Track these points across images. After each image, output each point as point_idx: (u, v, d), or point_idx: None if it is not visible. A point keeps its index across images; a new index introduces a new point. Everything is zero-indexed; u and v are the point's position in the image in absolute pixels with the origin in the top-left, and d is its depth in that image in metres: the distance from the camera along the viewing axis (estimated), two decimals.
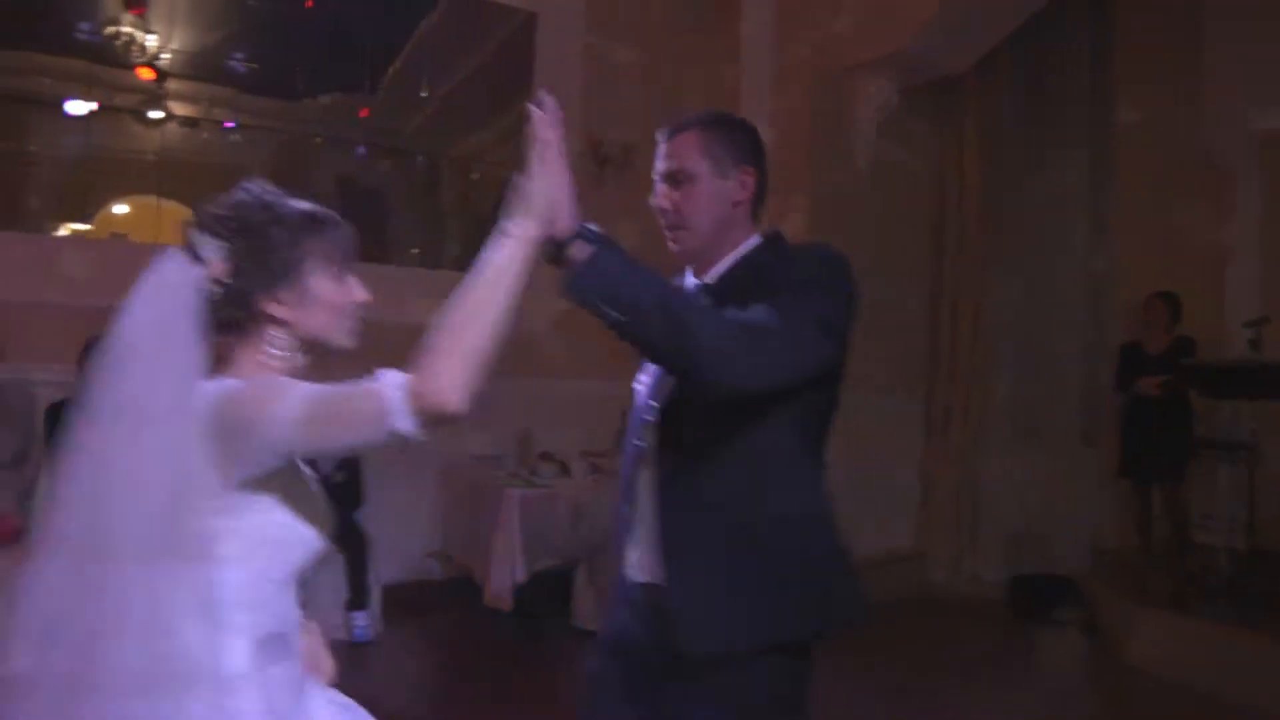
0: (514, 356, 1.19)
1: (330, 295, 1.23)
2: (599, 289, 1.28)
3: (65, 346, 3.68)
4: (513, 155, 5.65)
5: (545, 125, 1.22)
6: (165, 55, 8.32)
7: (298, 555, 1.20)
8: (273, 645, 1.18)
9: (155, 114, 9.06)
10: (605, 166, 5.39)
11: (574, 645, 4.14)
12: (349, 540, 4.26)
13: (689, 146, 1.54)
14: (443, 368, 1.05)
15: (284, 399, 1.09)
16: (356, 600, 4.05)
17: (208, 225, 1.18)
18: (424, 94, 9.36)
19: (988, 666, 4.06)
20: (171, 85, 8.76)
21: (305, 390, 1.10)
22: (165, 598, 1.09)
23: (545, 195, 1.20)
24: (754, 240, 1.56)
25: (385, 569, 4.43)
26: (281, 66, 8.38)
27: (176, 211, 10.09)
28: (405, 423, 1.04)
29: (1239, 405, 4.59)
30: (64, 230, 9.40)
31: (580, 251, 1.28)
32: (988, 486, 5.44)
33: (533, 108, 1.23)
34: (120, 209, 9.52)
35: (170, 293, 1.15)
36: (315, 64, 8.07)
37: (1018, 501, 5.41)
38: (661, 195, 1.54)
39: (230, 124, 9.07)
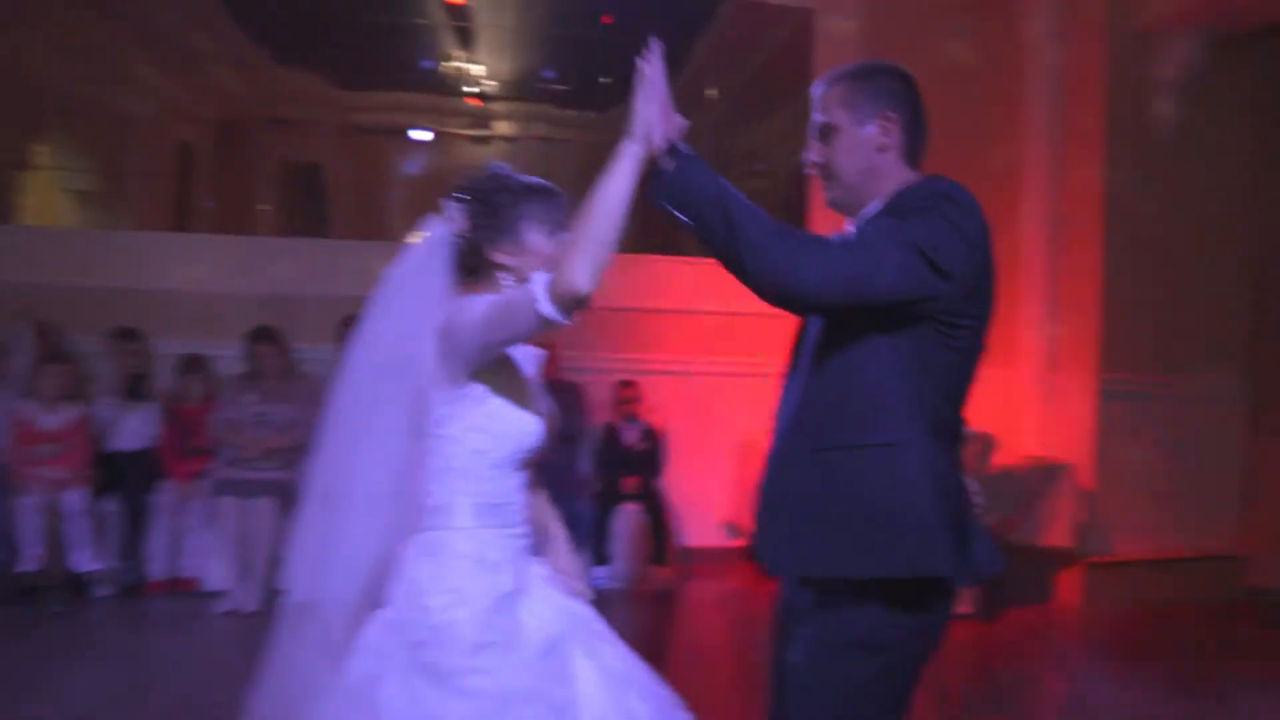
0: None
1: (542, 248, 1.58)
2: (672, 196, 1.43)
3: None
4: (795, 150, 5.91)
5: (648, 64, 1.44)
6: (489, 82, 9.44)
7: (510, 441, 1.55)
8: (490, 512, 1.54)
9: (481, 133, 10.35)
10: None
11: None
12: (650, 503, 4.79)
13: (830, 100, 1.59)
14: (571, 262, 1.35)
15: (473, 307, 1.47)
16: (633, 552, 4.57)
17: (456, 194, 1.60)
18: (710, 92, 9.87)
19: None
20: (495, 107, 9.97)
21: (487, 298, 1.48)
22: (420, 465, 1.53)
23: (645, 120, 1.42)
24: (907, 184, 1.56)
25: (685, 532, 4.93)
26: (586, 81, 9.26)
27: None
28: (548, 308, 1.36)
29: None
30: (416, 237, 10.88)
31: (666, 164, 1.44)
32: None
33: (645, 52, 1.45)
34: None
35: (428, 244, 1.58)
36: (615, 76, 8.81)
37: None
38: (810, 149, 1.62)
39: (542, 138, 10.04)
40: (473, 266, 1.58)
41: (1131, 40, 4.91)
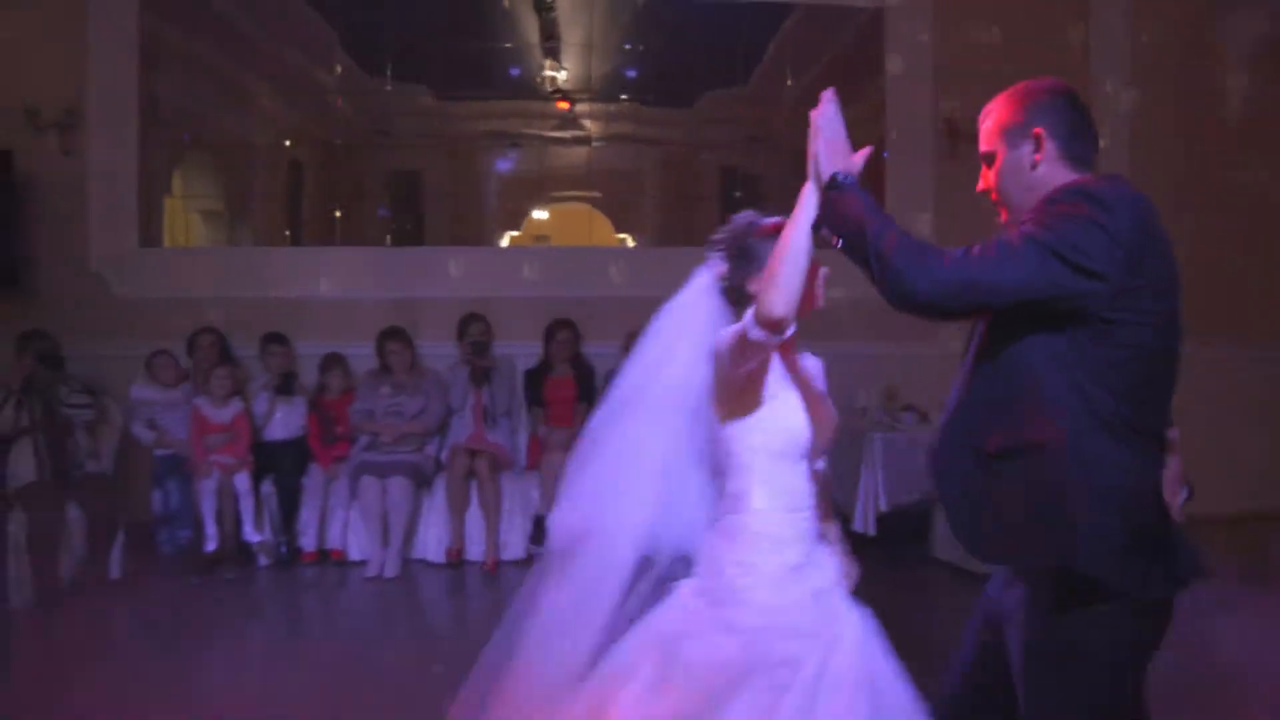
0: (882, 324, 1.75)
1: None
2: (829, 220, 1.61)
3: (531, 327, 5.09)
4: (869, 135, 6.19)
5: (821, 111, 1.65)
6: (576, 89, 9.86)
7: (783, 435, 1.82)
8: (777, 498, 1.81)
9: (570, 134, 10.78)
10: (958, 140, 5.74)
11: (929, 572, 4.69)
12: None
13: (986, 129, 1.70)
14: (768, 294, 1.61)
15: (723, 336, 1.78)
16: None
17: (714, 244, 1.93)
18: (789, 83, 10.11)
19: None
20: (581, 109, 10.40)
21: (732, 328, 1.78)
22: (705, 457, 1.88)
23: (816, 160, 1.63)
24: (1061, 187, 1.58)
25: None
26: (669, 77, 9.60)
27: (592, 215, 11.79)
28: (755, 332, 1.66)
29: None
30: (505, 239, 11.43)
31: (825, 194, 1.62)
32: None
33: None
34: (540, 215, 11.34)
35: (700, 287, 1.91)
36: (696, 69, 9.15)
37: None
38: (982, 177, 1.73)
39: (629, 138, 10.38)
40: (738, 300, 1.83)
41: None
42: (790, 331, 1.69)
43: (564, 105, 9.87)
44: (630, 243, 10.69)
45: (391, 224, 10.40)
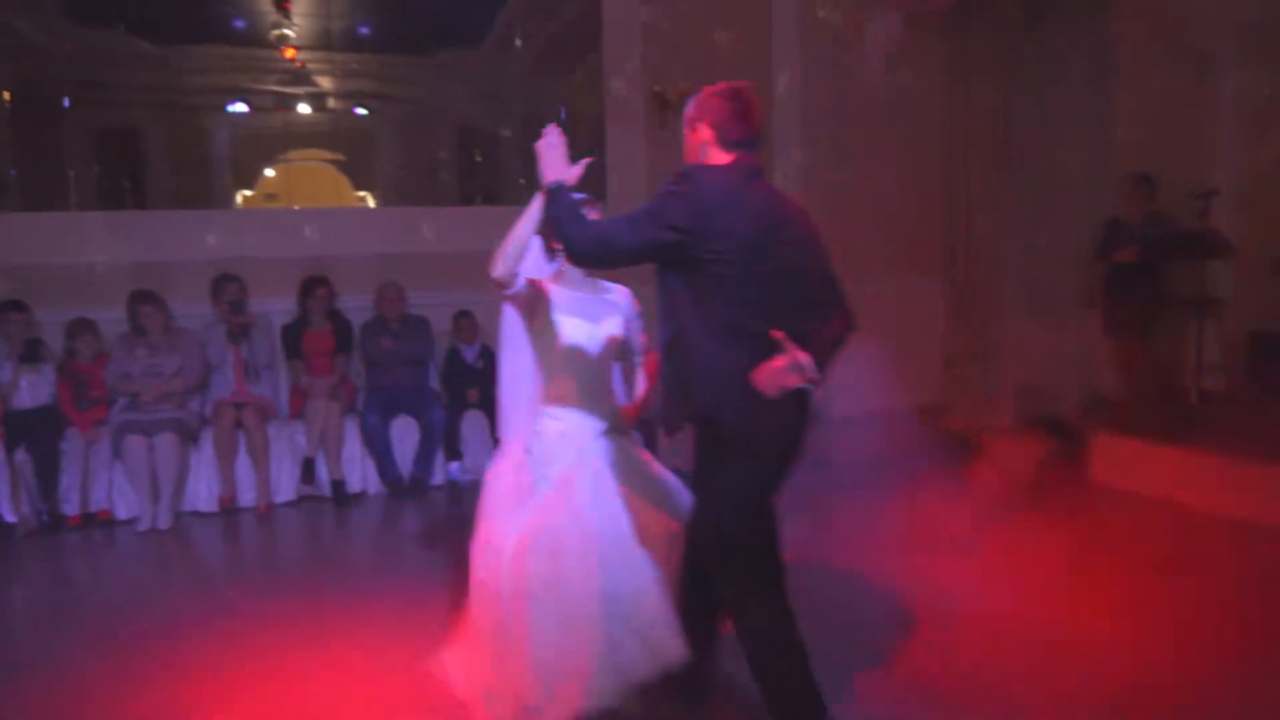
0: None
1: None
2: (546, 212, 2.32)
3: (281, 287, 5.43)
4: (598, 99, 6.91)
5: (546, 138, 2.33)
6: (309, 44, 9.76)
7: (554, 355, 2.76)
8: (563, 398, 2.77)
9: (299, 90, 10.71)
10: (667, 111, 6.63)
11: None
12: (489, 409, 5.84)
13: (685, 117, 2.44)
14: (493, 259, 2.50)
15: None
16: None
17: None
18: (518, 44, 10.67)
19: None
20: (316, 65, 10.35)
21: None
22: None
23: (543, 173, 2.31)
24: None
25: None
26: (406, 28, 9.82)
27: (324, 171, 11.74)
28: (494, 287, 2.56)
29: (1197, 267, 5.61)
30: (238, 198, 11.18)
31: (547, 195, 2.32)
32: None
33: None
34: (270, 174, 11.16)
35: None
36: (431, 26, 9.47)
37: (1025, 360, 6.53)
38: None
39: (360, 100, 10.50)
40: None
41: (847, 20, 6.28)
42: (516, 287, 2.56)
43: (291, 53, 9.77)
44: (370, 201, 10.84)
45: (107, 184, 9.84)
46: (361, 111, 10.59)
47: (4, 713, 2.98)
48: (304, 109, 10.54)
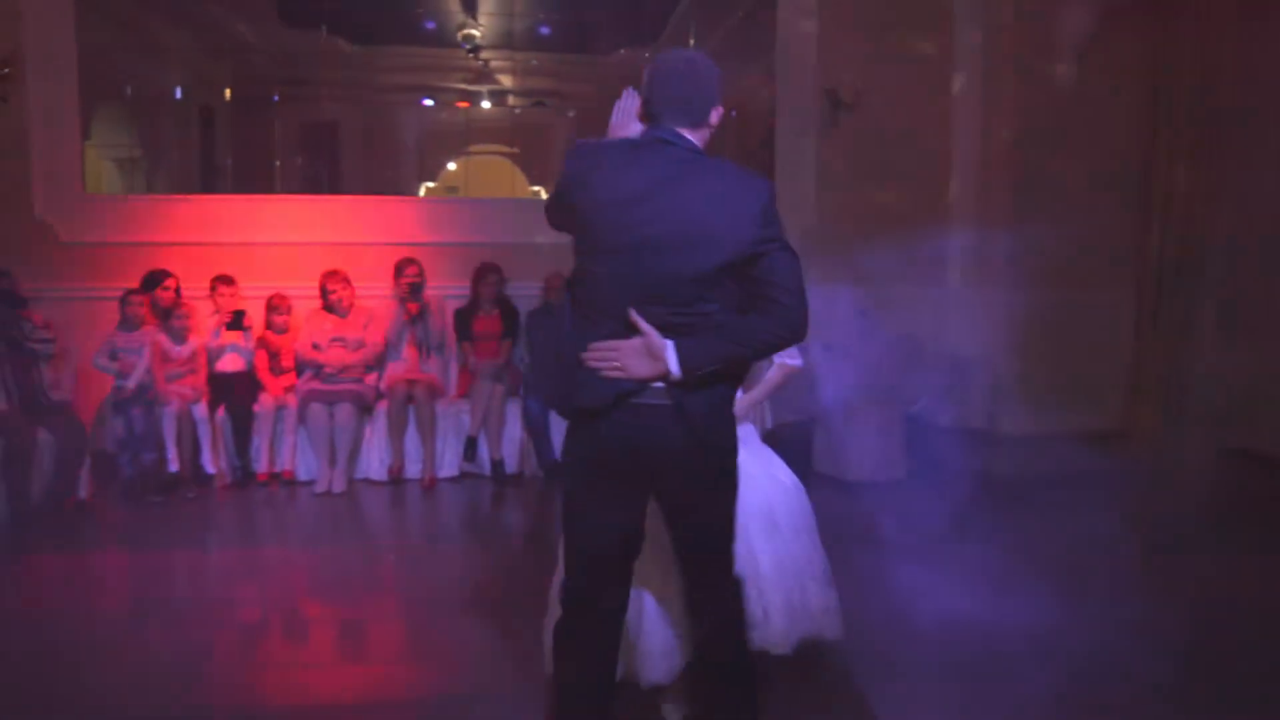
0: None
1: None
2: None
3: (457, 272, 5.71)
4: (769, 97, 6.88)
5: (625, 94, 2.17)
6: (492, 44, 10.18)
7: None
8: None
9: (481, 87, 11.17)
10: (839, 110, 6.52)
11: (809, 483, 5.54)
12: None
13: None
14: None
15: None
16: None
17: None
18: (692, 42, 10.77)
19: None
20: (498, 64, 10.79)
21: None
22: None
23: (610, 126, 2.17)
24: None
25: None
26: (582, 33, 10.08)
27: (500, 165, 12.21)
28: None
29: None
30: (421, 189, 11.78)
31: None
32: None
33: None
34: (452, 167, 11.71)
35: None
36: (607, 26, 9.66)
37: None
38: None
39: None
40: None
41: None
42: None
43: (472, 56, 10.20)
44: (544, 195, 11.20)
45: (309, 173, 10.62)
46: (540, 107, 10.93)
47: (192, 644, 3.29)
48: (485, 105, 11.03)
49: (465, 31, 9.83)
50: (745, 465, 2.24)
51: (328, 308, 5.59)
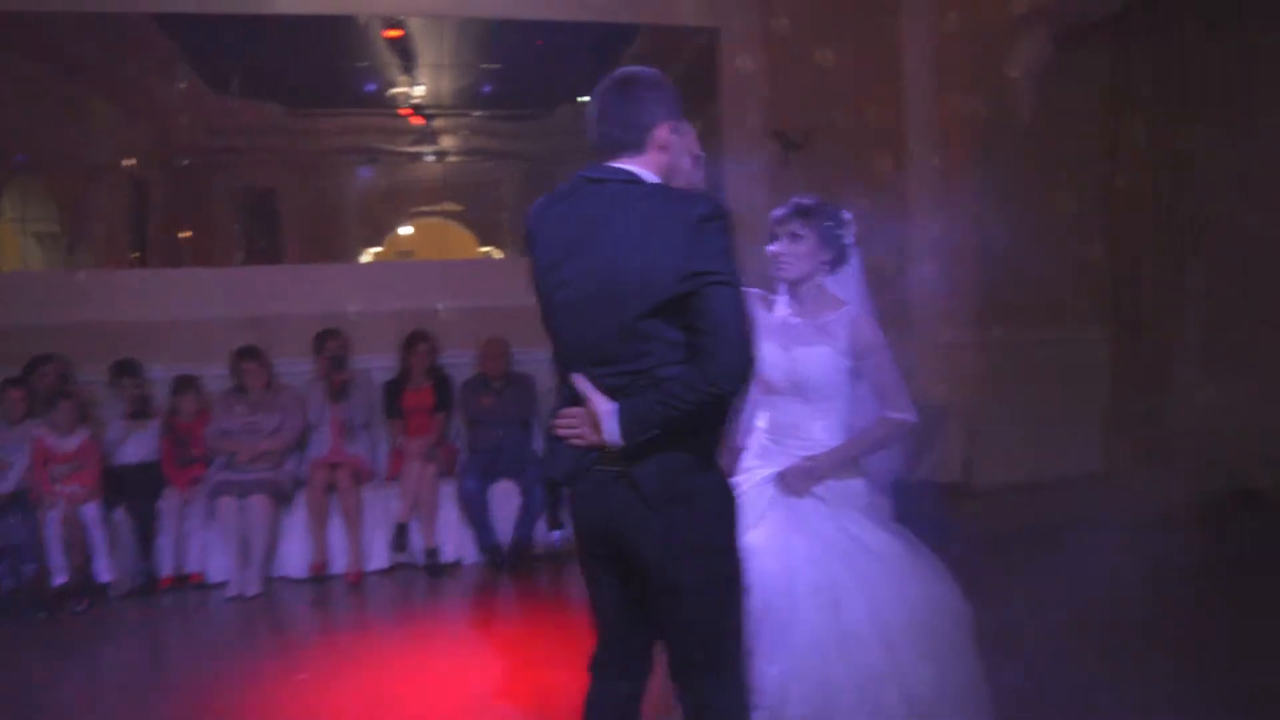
0: None
1: None
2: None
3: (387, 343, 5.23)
4: (707, 152, 6.57)
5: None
6: (429, 102, 9.88)
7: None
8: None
9: (425, 149, 10.83)
10: (789, 150, 6.18)
11: None
12: None
13: None
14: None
15: None
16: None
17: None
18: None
19: None
20: (438, 124, 10.46)
21: None
22: None
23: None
24: None
25: None
26: (522, 93, 9.74)
27: (451, 229, 11.86)
28: None
29: None
30: (366, 255, 11.42)
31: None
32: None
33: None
34: (405, 230, 11.39)
35: None
36: (547, 85, 9.31)
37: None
38: None
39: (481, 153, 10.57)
40: None
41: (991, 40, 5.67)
42: None
43: (418, 120, 9.90)
44: (496, 254, 10.84)
45: (244, 242, 10.21)
46: (484, 167, 10.62)
47: None
48: (428, 164, 10.67)
49: (405, 92, 9.50)
50: (834, 535, 2.35)
51: (239, 389, 5.09)
